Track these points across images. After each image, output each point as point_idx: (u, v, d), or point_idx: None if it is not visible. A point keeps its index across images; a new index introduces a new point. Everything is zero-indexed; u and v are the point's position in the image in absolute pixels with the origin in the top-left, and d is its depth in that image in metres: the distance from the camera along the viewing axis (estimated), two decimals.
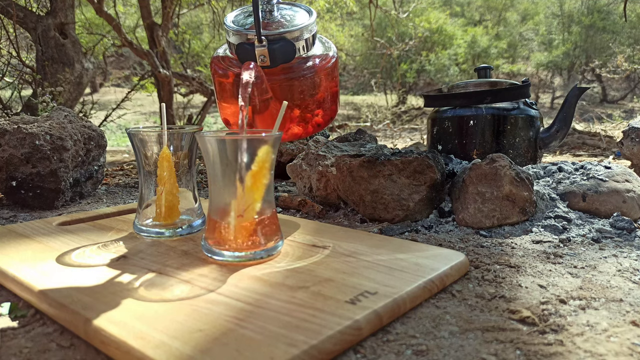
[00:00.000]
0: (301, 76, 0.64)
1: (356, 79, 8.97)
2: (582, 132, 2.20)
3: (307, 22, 0.62)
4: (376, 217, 0.78)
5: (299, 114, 0.66)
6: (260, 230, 0.54)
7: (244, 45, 0.60)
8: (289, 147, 1.18)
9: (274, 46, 0.59)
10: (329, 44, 0.69)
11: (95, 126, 1.05)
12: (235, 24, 0.64)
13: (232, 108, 0.68)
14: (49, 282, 0.48)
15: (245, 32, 0.61)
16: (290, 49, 0.61)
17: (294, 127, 0.68)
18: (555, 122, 1.04)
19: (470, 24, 8.70)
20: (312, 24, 0.63)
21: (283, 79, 0.63)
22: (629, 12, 6.03)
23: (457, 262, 0.53)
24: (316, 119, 0.68)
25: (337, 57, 0.67)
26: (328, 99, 0.68)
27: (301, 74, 0.64)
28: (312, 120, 0.68)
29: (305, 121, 0.68)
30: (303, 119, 0.68)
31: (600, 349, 0.38)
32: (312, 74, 0.64)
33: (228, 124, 0.70)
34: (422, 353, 0.38)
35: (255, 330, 0.37)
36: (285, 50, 0.60)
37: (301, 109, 0.66)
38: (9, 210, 0.92)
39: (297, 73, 0.64)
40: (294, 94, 0.64)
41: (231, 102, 0.67)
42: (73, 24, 2.34)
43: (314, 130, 0.70)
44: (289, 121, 0.67)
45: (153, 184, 0.65)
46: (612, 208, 0.74)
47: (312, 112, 0.67)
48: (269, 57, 0.59)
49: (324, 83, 0.66)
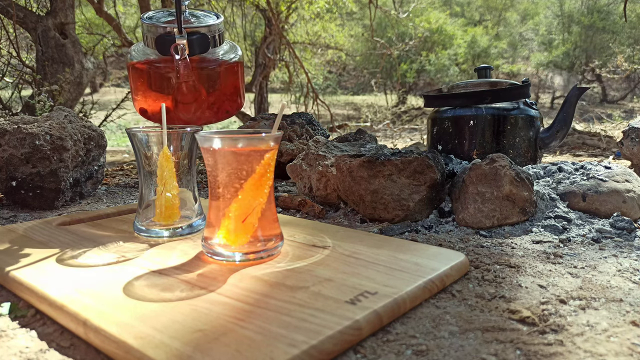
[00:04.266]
0: (213, 67, 0.74)
1: (356, 79, 8.97)
2: (582, 132, 2.20)
3: (217, 21, 0.73)
4: (376, 217, 0.78)
5: (213, 100, 0.76)
6: (260, 230, 0.54)
7: (164, 36, 0.68)
8: (289, 147, 1.18)
9: (192, 37, 0.68)
10: (236, 48, 0.79)
11: (95, 126, 1.05)
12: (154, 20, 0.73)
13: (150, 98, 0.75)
14: (49, 282, 0.48)
15: (164, 26, 0.69)
16: (205, 42, 0.70)
17: (207, 112, 0.77)
18: (555, 122, 1.04)
19: (470, 24, 8.70)
20: (220, 23, 0.73)
21: (198, 67, 0.73)
22: (629, 12, 6.03)
23: (457, 262, 0.53)
24: (225, 106, 0.78)
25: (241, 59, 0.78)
26: (235, 91, 0.78)
27: (213, 64, 0.74)
28: (223, 107, 0.78)
29: (217, 108, 0.77)
30: (215, 105, 0.77)
31: (600, 349, 0.38)
32: (222, 65, 0.75)
33: (145, 113, 0.77)
34: (422, 353, 0.38)
35: (255, 330, 0.37)
36: (201, 42, 0.69)
37: (214, 97, 0.76)
38: (9, 210, 0.92)
39: (210, 63, 0.74)
40: (207, 81, 0.75)
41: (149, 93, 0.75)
42: (73, 24, 2.34)
43: (223, 116, 0.79)
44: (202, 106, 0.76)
45: (153, 184, 0.65)
46: (612, 208, 0.74)
47: (222, 100, 0.77)
48: (187, 46, 0.67)
49: (231, 76, 0.77)
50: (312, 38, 5.67)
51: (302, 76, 4.70)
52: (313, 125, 1.34)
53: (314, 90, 3.95)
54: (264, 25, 4.98)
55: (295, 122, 1.30)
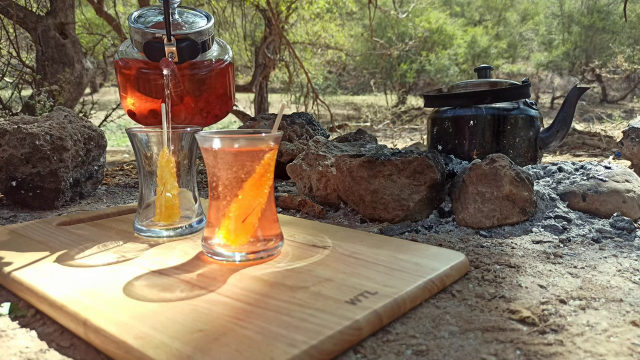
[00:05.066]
0: (203, 73, 0.73)
1: (356, 79, 8.97)
2: (582, 132, 2.20)
3: (207, 25, 0.70)
4: (376, 217, 0.78)
5: (202, 105, 0.75)
6: (260, 230, 0.54)
7: (152, 43, 0.66)
8: (289, 147, 1.19)
9: (181, 45, 0.66)
10: (226, 47, 0.77)
11: (95, 126, 1.05)
12: (141, 22, 0.71)
13: (138, 100, 0.74)
14: (49, 282, 0.48)
15: (152, 32, 0.67)
16: (195, 48, 0.68)
17: (196, 117, 0.76)
18: (555, 122, 1.04)
19: (470, 24, 8.70)
20: (211, 27, 0.71)
21: (189, 74, 0.71)
22: (629, 12, 6.03)
23: (457, 262, 0.53)
24: (215, 110, 0.76)
25: (231, 60, 0.76)
26: (225, 94, 0.77)
27: (203, 71, 0.73)
28: (212, 112, 0.76)
29: (207, 112, 0.76)
30: (204, 110, 0.76)
31: (600, 349, 0.38)
32: (211, 71, 0.73)
33: (133, 115, 0.76)
34: (422, 353, 0.38)
35: (255, 330, 0.37)
36: (190, 49, 0.67)
37: (203, 102, 0.75)
38: (9, 210, 0.92)
39: (200, 70, 0.72)
40: (198, 87, 0.73)
41: (137, 94, 0.74)
42: (73, 24, 2.34)
43: (212, 121, 0.78)
44: (191, 111, 0.75)
45: (153, 184, 0.65)
46: (612, 208, 0.74)
47: (211, 104, 0.76)
48: (177, 54, 0.66)
49: (221, 80, 0.75)
50: (312, 38, 5.67)
51: (302, 76, 4.71)
52: (313, 125, 1.34)
53: (314, 90, 3.96)
54: (264, 25, 4.98)
55: (295, 122, 1.30)
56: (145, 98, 0.73)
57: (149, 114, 0.74)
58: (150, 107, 0.73)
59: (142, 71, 0.71)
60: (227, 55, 0.76)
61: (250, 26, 5.53)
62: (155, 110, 0.73)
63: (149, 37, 0.67)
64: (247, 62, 6.10)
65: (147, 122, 0.75)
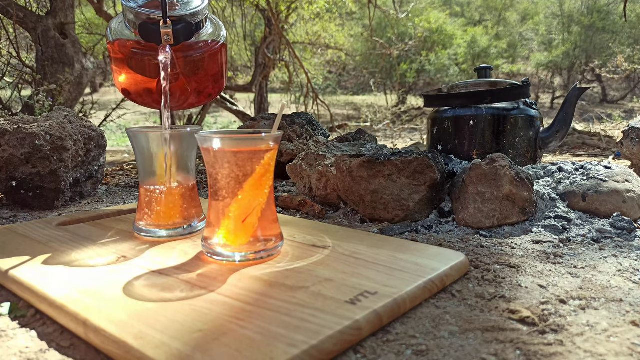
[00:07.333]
0: (198, 54, 0.73)
1: (356, 79, 8.97)
2: (582, 132, 2.20)
3: (202, 6, 0.70)
4: (376, 217, 0.78)
5: (196, 85, 0.75)
6: (260, 230, 0.54)
7: (147, 24, 0.66)
8: (289, 147, 1.18)
9: (177, 27, 0.66)
10: (219, 24, 0.77)
11: (95, 126, 1.05)
12: (134, 0, 0.70)
13: (132, 80, 0.74)
14: (49, 282, 0.48)
15: (147, 12, 0.66)
16: (190, 29, 0.68)
17: (192, 97, 0.76)
18: (555, 122, 1.04)
19: (470, 24, 8.70)
20: (205, 7, 0.71)
21: (183, 55, 0.71)
22: (629, 12, 6.03)
23: (457, 262, 0.53)
24: (208, 89, 0.77)
25: (225, 40, 0.76)
26: (219, 74, 0.77)
27: (198, 52, 0.72)
28: (205, 91, 0.77)
29: (199, 92, 0.76)
30: (198, 90, 0.76)
31: (600, 349, 0.38)
32: (207, 52, 0.73)
33: (128, 94, 0.75)
34: (422, 353, 0.38)
35: (255, 330, 0.37)
36: (186, 31, 0.67)
37: (197, 82, 0.75)
38: (9, 210, 0.92)
39: (195, 52, 0.72)
40: (192, 68, 0.73)
41: (131, 74, 0.73)
42: (73, 24, 2.34)
43: (205, 100, 0.78)
44: (187, 92, 0.75)
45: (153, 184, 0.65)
46: (612, 208, 0.74)
47: (205, 84, 0.76)
48: (172, 36, 0.66)
49: (214, 60, 0.75)
50: (312, 38, 5.67)
51: (302, 76, 4.71)
52: (313, 125, 1.34)
53: (314, 90, 3.96)
54: (264, 25, 4.98)
55: (295, 122, 1.30)
56: (139, 78, 0.73)
57: (144, 92, 0.75)
58: (145, 86, 0.73)
59: (135, 51, 0.71)
60: (221, 34, 0.76)
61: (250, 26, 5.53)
62: (149, 88, 0.73)
63: (144, 17, 0.66)
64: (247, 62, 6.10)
65: (142, 100, 0.75)
